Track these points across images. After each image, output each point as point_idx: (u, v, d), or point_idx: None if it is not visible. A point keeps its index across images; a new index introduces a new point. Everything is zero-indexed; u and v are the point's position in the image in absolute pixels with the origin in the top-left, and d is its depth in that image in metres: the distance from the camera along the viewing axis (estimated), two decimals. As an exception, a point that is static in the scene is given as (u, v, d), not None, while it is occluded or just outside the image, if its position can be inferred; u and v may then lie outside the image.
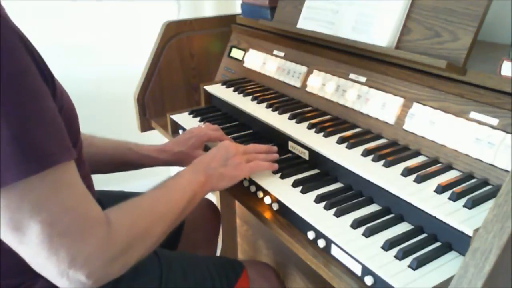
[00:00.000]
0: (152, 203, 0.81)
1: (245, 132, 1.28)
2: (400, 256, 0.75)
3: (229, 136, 1.22)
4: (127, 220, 0.73)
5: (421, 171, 0.88)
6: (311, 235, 0.87)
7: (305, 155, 1.08)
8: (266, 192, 0.99)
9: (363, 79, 1.12)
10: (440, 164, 0.91)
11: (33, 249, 0.62)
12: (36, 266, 0.64)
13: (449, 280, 0.70)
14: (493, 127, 0.85)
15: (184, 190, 0.87)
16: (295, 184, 0.98)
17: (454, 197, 0.80)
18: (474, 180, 0.86)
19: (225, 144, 1.01)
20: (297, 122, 1.14)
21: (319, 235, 0.85)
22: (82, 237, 0.64)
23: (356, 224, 0.84)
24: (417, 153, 0.96)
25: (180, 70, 1.58)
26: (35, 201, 0.61)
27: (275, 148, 1.09)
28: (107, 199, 1.18)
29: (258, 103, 1.29)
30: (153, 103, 1.55)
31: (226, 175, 0.96)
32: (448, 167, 0.90)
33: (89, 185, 0.90)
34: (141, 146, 1.19)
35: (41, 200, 0.61)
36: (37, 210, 0.60)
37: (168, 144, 1.20)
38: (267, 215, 0.97)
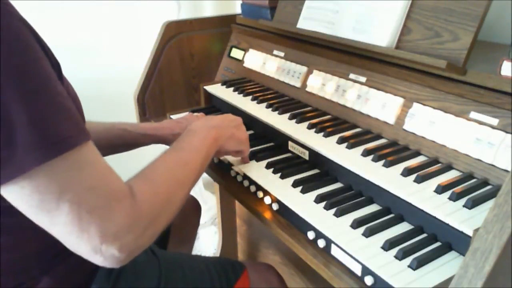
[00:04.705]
0: (171, 169, 0.81)
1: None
2: (400, 256, 0.75)
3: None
4: (150, 190, 0.74)
5: (421, 171, 0.88)
6: (311, 235, 0.87)
7: (305, 155, 1.08)
8: (266, 192, 0.99)
9: (363, 79, 1.12)
10: (440, 164, 0.91)
11: (65, 229, 0.63)
12: (71, 245, 0.65)
13: (449, 280, 0.70)
14: (493, 127, 0.85)
15: (199, 150, 0.88)
16: (295, 184, 0.98)
17: (454, 197, 0.80)
18: (474, 180, 0.86)
19: (228, 115, 1.06)
20: (297, 122, 1.14)
21: (319, 235, 0.85)
22: (110, 212, 0.65)
23: (356, 224, 0.84)
24: (417, 153, 0.96)
25: (180, 70, 1.58)
26: (61, 182, 0.62)
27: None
28: None
29: (258, 103, 1.29)
30: (153, 103, 1.55)
31: (236, 135, 1.00)
32: (448, 167, 0.90)
33: None
34: (136, 125, 1.20)
35: (66, 181, 0.62)
36: (64, 190, 0.62)
37: (167, 123, 1.21)
38: (267, 215, 0.97)
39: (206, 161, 0.90)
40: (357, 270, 0.77)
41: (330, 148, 1.01)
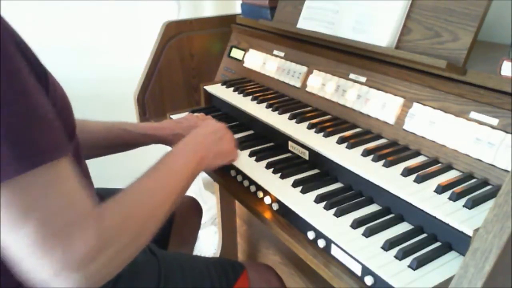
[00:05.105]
0: (147, 193, 0.77)
1: (246, 133, 1.28)
2: (400, 256, 0.75)
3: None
4: (121, 215, 0.70)
5: (421, 171, 0.88)
6: (311, 235, 0.87)
7: (305, 155, 1.08)
8: (266, 192, 0.99)
9: (363, 79, 1.12)
10: (440, 164, 0.91)
11: (27, 249, 0.60)
12: (29, 269, 0.61)
13: (449, 280, 0.70)
14: (493, 127, 0.85)
15: (181, 173, 0.84)
16: (295, 184, 0.98)
17: (454, 197, 0.80)
18: (474, 180, 0.86)
19: (209, 121, 1.03)
20: (297, 122, 1.14)
21: (319, 235, 0.85)
22: (76, 237, 0.61)
23: (356, 224, 0.84)
24: (417, 153, 0.96)
25: (180, 70, 1.58)
26: (27, 200, 0.59)
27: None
28: (109, 196, 1.19)
29: (258, 103, 1.29)
30: (153, 103, 1.55)
31: (222, 150, 0.97)
32: (448, 167, 0.90)
33: (87, 182, 0.89)
34: (136, 125, 1.19)
35: (33, 199, 0.59)
36: (30, 209, 0.59)
37: (167, 123, 1.21)
38: (267, 215, 0.97)
39: (189, 184, 0.86)
40: (357, 270, 0.77)
41: (330, 148, 1.01)
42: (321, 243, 0.85)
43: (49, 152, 0.61)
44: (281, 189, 0.98)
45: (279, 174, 1.03)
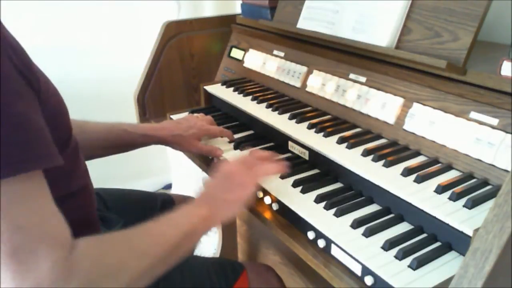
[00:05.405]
0: (132, 236, 0.70)
1: (246, 133, 1.28)
2: (400, 256, 0.75)
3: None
4: (96, 250, 0.63)
5: (421, 171, 0.88)
6: (311, 235, 0.87)
7: (305, 155, 1.08)
8: (266, 192, 0.99)
9: (363, 79, 1.12)
10: (440, 164, 0.91)
11: None
12: None
13: (449, 280, 0.70)
14: (493, 127, 0.85)
15: (178, 224, 0.76)
16: (295, 184, 0.98)
17: (454, 197, 0.80)
18: (474, 180, 0.86)
19: (223, 168, 0.90)
20: (297, 122, 1.14)
21: (319, 235, 0.85)
22: (33, 259, 0.55)
23: (356, 224, 0.84)
24: (417, 153, 0.96)
25: (180, 70, 1.58)
26: None
27: (277, 154, 1.03)
28: (108, 196, 1.19)
29: (258, 103, 1.29)
30: (153, 103, 1.55)
31: (233, 200, 0.86)
32: (448, 167, 0.90)
33: (87, 182, 0.89)
34: (136, 126, 1.19)
35: (1, 208, 0.55)
36: None
37: (167, 124, 1.20)
38: (267, 215, 0.97)
39: (193, 238, 0.79)
40: (357, 270, 0.77)
41: (330, 148, 1.01)
42: (321, 243, 0.85)
43: (19, 164, 0.57)
44: (281, 189, 0.97)
45: (279, 174, 1.03)
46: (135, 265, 0.66)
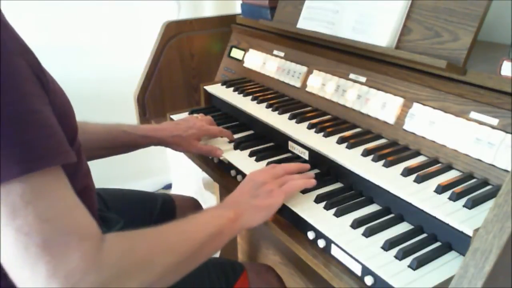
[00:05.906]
0: (160, 232, 0.72)
1: (246, 133, 1.28)
2: (400, 256, 0.75)
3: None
4: (125, 243, 0.65)
5: (421, 171, 0.88)
6: (311, 235, 0.87)
7: (305, 155, 1.08)
8: (266, 192, 0.99)
9: (363, 79, 1.12)
10: (440, 164, 0.91)
11: (8, 259, 0.57)
12: (14, 276, 0.57)
13: (449, 280, 0.70)
14: (493, 127, 0.85)
15: (205, 224, 0.78)
16: (295, 184, 0.98)
17: (454, 197, 0.80)
18: (474, 180, 0.86)
19: (251, 175, 0.94)
20: (297, 122, 1.14)
21: (319, 235, 0.85)
22: (65, 250, 0.57)
23: (356, 224, 0.84)
24: (417, 153, 0.96)
25: (180, 70, 1.58)
26: (11, 206, 0.56)
27: (307, 165, 1.02)
28: (108, 196, 1.19)
29: (258, 103, 1.29)
30: (153, 103, 1.55)
31: (260, 206, 0.87)
32: (448, 167, 0.90)
33: (89, 182, 0.89)
34: (136, 127, 1.19)
35: (17, 206, 0.56)
36: (12, 216, 0.55)
37: (166, 124, 1.21)
38: (267, 215, 0.97)
39: (219, 240, 0.79)
40: (357, 270, 0.77)
41: (330, 148, 1.01)
42: (321, 243, 0.85)
43: (41, 160, 0.58)
44: (281, 189, 0.97)
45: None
46: (162, 261, 0.68)
